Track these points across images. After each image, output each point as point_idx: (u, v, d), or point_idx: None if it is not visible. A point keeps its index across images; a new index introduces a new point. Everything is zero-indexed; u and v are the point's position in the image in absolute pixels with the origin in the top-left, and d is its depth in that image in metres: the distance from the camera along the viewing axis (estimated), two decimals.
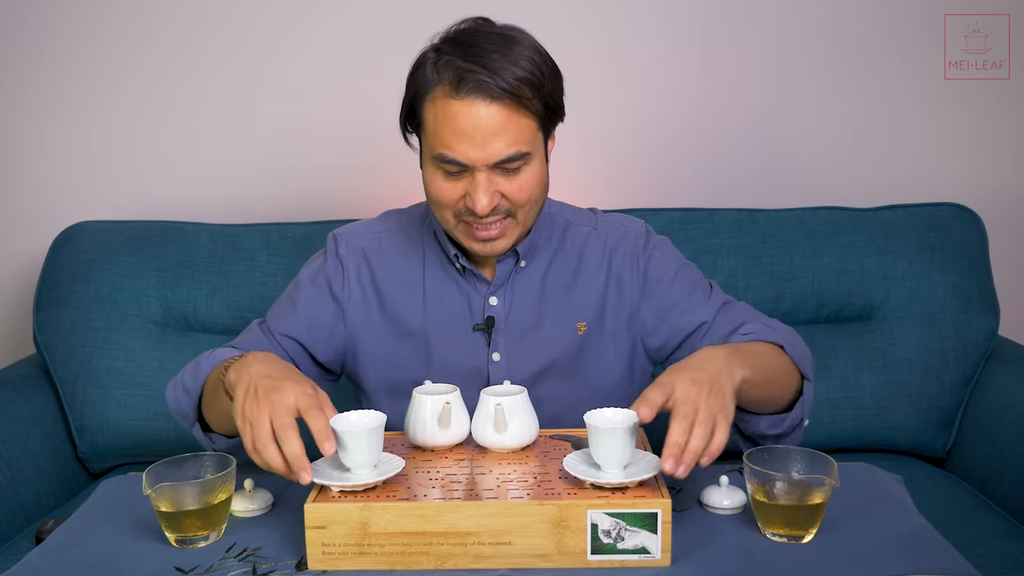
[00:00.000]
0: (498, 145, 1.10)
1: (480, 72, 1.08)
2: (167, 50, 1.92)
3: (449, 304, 1.26)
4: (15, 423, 1.61)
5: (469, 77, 1.08)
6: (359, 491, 0.93)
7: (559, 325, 1.26)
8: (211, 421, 1.17)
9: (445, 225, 1.20)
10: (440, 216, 1.19)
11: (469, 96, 1.09)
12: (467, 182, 1.13)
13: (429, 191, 1.17)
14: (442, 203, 1.16)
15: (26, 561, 0.95)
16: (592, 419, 0.94)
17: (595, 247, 1.29)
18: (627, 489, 0.91)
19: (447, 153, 1.11)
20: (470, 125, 1.09)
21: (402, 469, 0.96)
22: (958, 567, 0.88)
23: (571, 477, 0.94)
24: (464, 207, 1.15)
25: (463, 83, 1.09)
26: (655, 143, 1.98)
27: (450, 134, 1.10)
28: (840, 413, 1.72)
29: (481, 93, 1.09)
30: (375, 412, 0.99)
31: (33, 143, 1.96)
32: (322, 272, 1.28)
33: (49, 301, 1.74)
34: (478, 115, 1.09)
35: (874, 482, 1.09)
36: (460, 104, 1.09)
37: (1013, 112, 1.98)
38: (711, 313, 1.25)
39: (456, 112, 1.09)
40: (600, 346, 1.27)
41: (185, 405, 1.17)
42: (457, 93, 1.09)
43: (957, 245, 1.75)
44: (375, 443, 0.95)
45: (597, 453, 0.93)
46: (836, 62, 1.95)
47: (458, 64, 1.09)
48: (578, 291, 1.27)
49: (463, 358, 1.25)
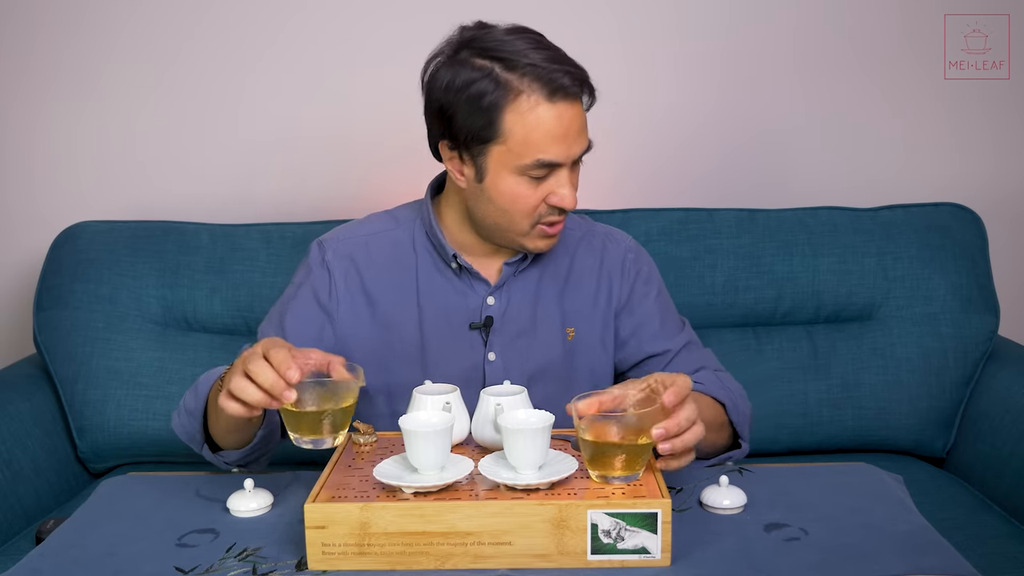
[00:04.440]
0: (583, 138, 1.16)
1: (565, 76, 1.11)
2: (167, 50, 1.92)
3: (444, 304, 1.26)
4: (15, 423, 1.61)
5: (560, 83, 1.11)
6: (433, 492, 0.92)
7: (551, 330, 1.28)
8: (218, 438, 1.17)
9: (515, 233, 1.20)
10: (513, 227, 1.19)
11: (564, 100, 1.12)
12: (549, 183, 1.15)
13: (505, 202, 1.17)
14: (523, 211, 1.17)
15: (26, 561, 0.95)
16: (505, 421, 0.94)
17: (586, 254, 1.32)
18: (540, 490, 0.91)
19: (544, 158, 1.13)
20: (564, 128, 1.13)
21: None
22: (958, 567, 0.88)
23: (571, 477, 0.94)
24: (545, 209, 1.17)
25: (556, 89, 1.11)
26: (655, 144, 1.98)
27: (547, 140, 1.12)
28: (840, 413, 1.72)
29: (571, 96, 1.13)
30: (444, 413, 0.99)
31: (33, 143, 1.96)
32: (307, 285, 1.28)
33: (49, 301, 1.74)
34: (570, 116, 1.13)
35: (874, 482, 1.09)
36: (555, 108, 1.12)
37: (1013, 112, 1.98)
38: (677, 345, 1.31)
39: (553, 117, 1.12)
40: (589, 350, 1.30)
41: (191, 428, 1.17)
42: (551, 98, 1.11)
43: (957, 245, 1.75)
44: (445, 444, 0.94)
45: (511, 455, 0.93)
46: (836, 62, 1.95)
47: (539, 72, 1.11)
48: (568, 297, 1.30)
49: (459, 358, 1.25)
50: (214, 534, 0.98)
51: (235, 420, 1.05)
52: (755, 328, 1.78)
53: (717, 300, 1.76)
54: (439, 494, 0.92)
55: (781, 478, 1.09)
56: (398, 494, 0.92)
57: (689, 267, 1.75)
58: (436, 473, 0.93)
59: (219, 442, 1.17)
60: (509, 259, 1.26)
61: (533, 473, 0.93)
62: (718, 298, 1.76)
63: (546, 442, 0.94)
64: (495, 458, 0.97)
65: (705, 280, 1.75)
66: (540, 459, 0.94)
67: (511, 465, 0.94)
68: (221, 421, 1.11)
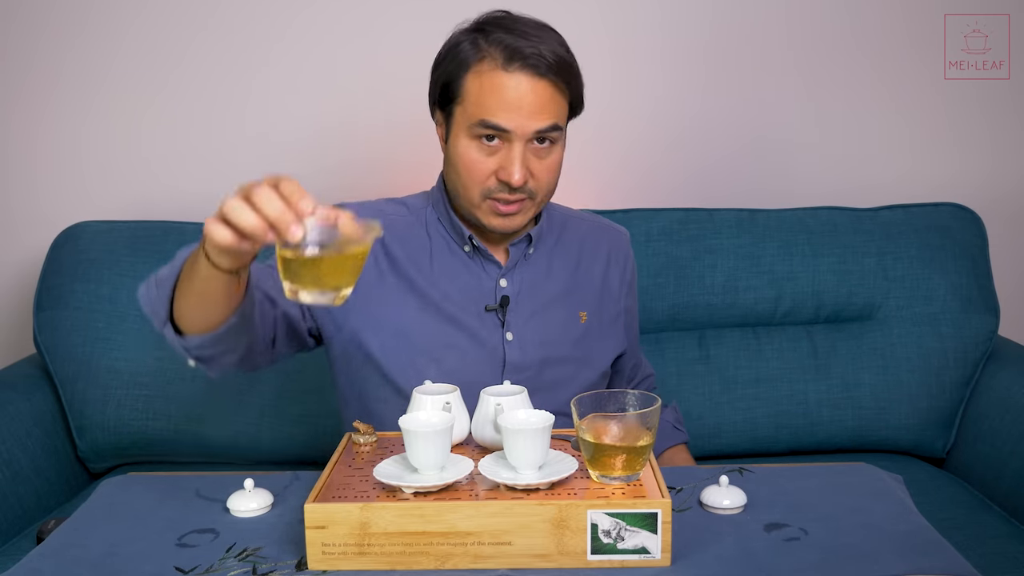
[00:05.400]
0: (540, 116, 1.16)
1: (530, 49, 1.13)
2: (168, 50, 1.92)
3: (459, 284, 1.27)
4: (15, 423, 1.61)
5: (520, 52, 1.14)
6: (433, 492, 0.92)
7: (564, 313, 1.30)
8: (184, 315, 1.03)
9: (468, 202, 1.21)
10: (465, 194, 1.21)
11: (520, 71, 1.14)
12: (501, 156, 1.17)
13: (459, 165, 1.19)
14: (472, 177, 1.19)
15: (26, 561, 0.95)
16: (505, 421, 0.94)
17: (593, 241, 1.36)
18: (540, 490, 0.91)
19: (490, 119, 1.15)
20: (517, 97, 1.14)
21: None
22: (958, 567, 0.88)
23: (571, 477, 0.95)
24: (495, 183, 1.18)
25: (514, 58, 1.14)
26: (656, 143, 1.98)
27: (496, 103, 1.15)
28: (840, 413, 1.72)
29: (530, 69, 1.14)
30: (444, 413, 0.99)
31: (33, 143, 1.96)
32: None
33: (49, 301, 1.74)
34: (526, 88, 1.14)
35: (874, 482, 1.08)
36: (509, 77, 1.14)
37: (1013, 112, 1.98)
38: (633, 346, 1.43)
39: (505, 83, 1.14)
40: (600, 333, 1.33)
41: (157, 301, 1.04)
42: (507, 67, 1.14)
43: (957, 245, 1.75)
44: (445, 444, 0.94)
45: (511, 455, 0.93)
46: (836, 62, 1.95)
47: (507, 41, 1.14)
48: (580, 282, 1.33)
49: (479, 336, 1.26)
50: (214, 534, 0.98)
51: (210, 287, 0.96)
52: (755, 328, 1.79)
53: (717, 300, 1.76)
54: (439, 494, 0.92)
55: (781, 478, 1.09)
56: (398, 494, 0.92)
57: (689, 267, 1.75)
58: (436, 473, 0.93)
59: (184, 321, 1.04)
60: (514, 240, 1.28)
61: (533, 473, 0.93)
62: (718, 298, 1.76)
63: (546, 442, 0.94)
64: (495, 458, 0.97)
65: (705, 280, 1.76)
66: (540, 459, 0.94)
67: (511, 465, 0.94)
68: (195, 286, 0.98)
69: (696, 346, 1.77)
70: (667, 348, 1.77)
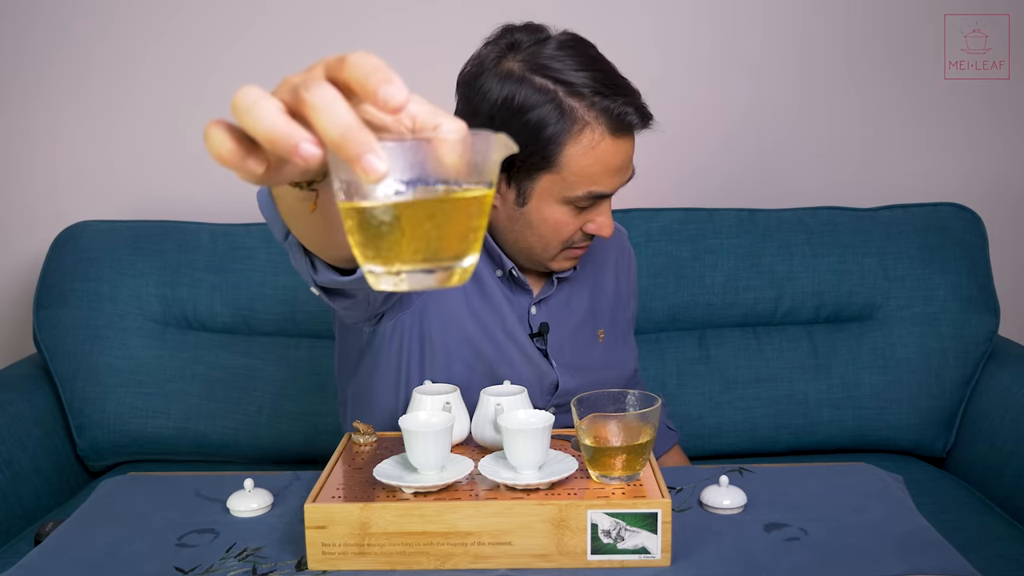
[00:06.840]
0: (631, 168, 1.13)
1: (634, 113, 1.08)
2: (168, 51, 1.92)
3: (496, 311, 1.21)
4: (15, 423, 1.61)
5: (626, 118, 1.07)
6: (433, 492, 0.92)
7: (585, 335, 1.28)
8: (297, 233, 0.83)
9: (544, 256, 1.16)
10: (544, 251, 1.15)
11: (626, 136, 1.09)
12: (589, 212, 1.13)
13: (543, 227, 1.12)
14: (560, 237, 1.14)
15: (26, 561, 0.95)
16: (505, 421, 0.94)
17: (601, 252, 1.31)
18: (540, 490, 0.92)
19: (597, 190, 1.10)
20: (621, 161, 1.10)
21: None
22: (958, 567, 0.88)
23: (571, 477, 0.95)
24: (580, 235, 1.14)
25: (623, 126, 1.07)
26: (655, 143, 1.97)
27: (604, 174, 1.09)
28: (840, 413, 1.72)
29: (631, 131, 1.10)
30: (444, 413, 0.99)
31: (33, 143, 1.96)
32: None
33: (49, 300, 1.74)
34: (628, 149, 1.10)
35: (874, 482, 1.08)
36: (617, 143, 1.08)
37: (1013, 112, 1.98)
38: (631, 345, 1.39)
39: (614, 151, 1.08)
40: (616, 345, 1.32)
41: (263, 203, 0.85)
42: (616, 134, 1.08)
43: (957, 245, 1.75)
44: (445, 444, 0.94)
45: (511, 455, 0.93)
46: (836, 62, 1.95)
47: (606, 106, 1.06)
48: (596, 302, 1.30)
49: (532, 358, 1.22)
50: (214, 534, 0.98)
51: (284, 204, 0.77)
52: (755, 328, 1.79)
53: (717, 300, 1.76)
54: (439, 494, 0.92)
55: (781, 478, 1.09)
56: (398, 494, 0.92)
57: (689, 267, 1.75)
58: (436, 473, 0.93)
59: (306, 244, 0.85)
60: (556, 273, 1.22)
61: (533, 473, 0.93)
62: (718, 298, 1.76)
63: (546, 442, 0.94)
64: (495, 458, 0.97)
65: (705, 280, 1.76)
66: (540, 459, 0.94)
67: (511, 465, 0.94)
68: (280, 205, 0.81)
69: (696, 346, 1.77)
70: (667, 348, 1.77)
